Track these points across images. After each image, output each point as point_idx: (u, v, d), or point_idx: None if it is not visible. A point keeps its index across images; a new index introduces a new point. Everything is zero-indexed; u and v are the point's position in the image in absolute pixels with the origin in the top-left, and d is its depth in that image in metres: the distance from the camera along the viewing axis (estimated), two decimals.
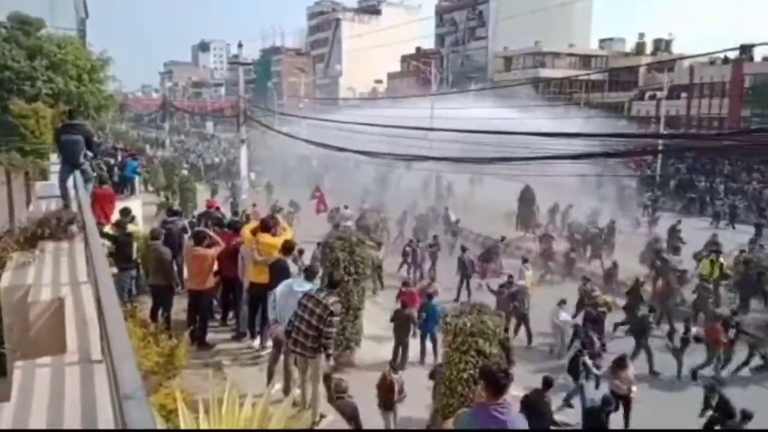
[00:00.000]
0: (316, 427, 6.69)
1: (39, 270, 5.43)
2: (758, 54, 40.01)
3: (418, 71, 51.98)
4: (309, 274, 7.33)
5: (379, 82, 72.86)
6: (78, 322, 4.25)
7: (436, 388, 9.10)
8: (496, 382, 4.04)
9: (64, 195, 8.14)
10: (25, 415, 3.16)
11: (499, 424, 3.94)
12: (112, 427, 2.79)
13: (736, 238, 19.69)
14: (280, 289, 7.02)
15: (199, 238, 8.68)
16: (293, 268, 8.13)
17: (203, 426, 4.39)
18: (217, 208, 12.43)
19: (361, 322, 11.35)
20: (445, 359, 8.83)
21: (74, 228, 6.51)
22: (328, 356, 6.65)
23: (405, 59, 69.87)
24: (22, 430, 2.73)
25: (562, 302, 13.52)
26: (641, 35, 60.23)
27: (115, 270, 8.90)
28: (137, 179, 17.28)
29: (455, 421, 4.18)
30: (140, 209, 14.52)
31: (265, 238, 8.35)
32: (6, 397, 3.23)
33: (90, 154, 8.52)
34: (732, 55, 39.69)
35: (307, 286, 6.93)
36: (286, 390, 6.91)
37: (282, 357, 7.19)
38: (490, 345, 8.40)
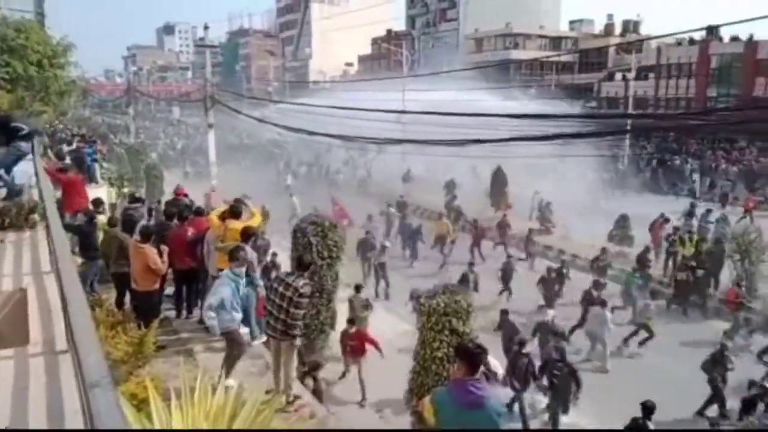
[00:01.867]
0: (289, 408, 6.71)
1: (0, 260, 5.27)
2: (726, 34, 40.80)
3: (390, 53, 51.66)
4: (301, 264, 7.06)
5: (350, 65, 72.21)
6: (42, 313, 4.16)
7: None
8: (472, 358, 4.06)
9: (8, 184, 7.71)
10: None
11: (476, 398, 3.95)
12: (79, 417, 2.73)
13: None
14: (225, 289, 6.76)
15: (145, 234, 8.03)
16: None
17: (175, 413, 4.34)
18: (186, 195, 12.05)
19: (334, 306, 11.34)
20: (419, 340, 8.91)
21: (36, 217, 6.34)
22: (293, 337, 6.64)
23: (376, 41, 69.32)
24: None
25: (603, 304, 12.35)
26: (610, 16, 60.78)
27: (80, 260, 8.70)
28: (96, 167, 16.83)
29: (432, 399, 4.19)
30: (106, 197, 14.16)
31: (233, 224, 8.21)
32: None
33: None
34: (699, 35, 40.39)
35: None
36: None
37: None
38: (464, 324, 8.52)
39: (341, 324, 11.08)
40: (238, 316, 6.78)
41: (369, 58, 71.39)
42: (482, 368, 4.30)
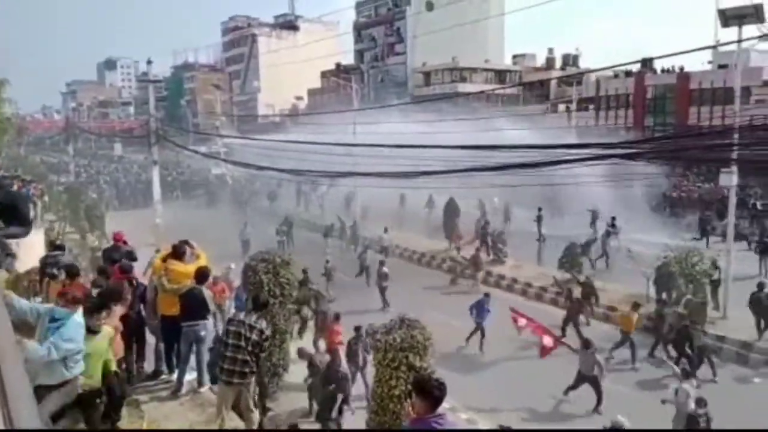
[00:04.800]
0: None
1: None
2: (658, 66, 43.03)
3: (339, 87, 52.08)
4: (257, 304, 6.87)
5: (300, 98, 72.43)
6: None
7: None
8: (431, 393, 3.94)
9: None
10: None
11: None
12: None
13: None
14: None
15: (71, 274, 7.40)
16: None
17: None
18: (125, 242, 11.01)
19: (287, 347, 11.01)
20: (375, 377, 8.67)
21: None
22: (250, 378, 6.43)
23: (325, 75, 69.90)
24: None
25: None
26: (551, 50, 63.41)
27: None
28: (35, 209, 15.95)
29: None
30: (44, 243, 13.32)
31: (176, 265, 7.84)
32: None
33: None
34: (635, 68, 42.41)
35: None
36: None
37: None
38: (421, 359, 8.35)
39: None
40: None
41: (319, 91, 71.80)
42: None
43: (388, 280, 17.73)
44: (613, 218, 21.96)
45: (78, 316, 5.13)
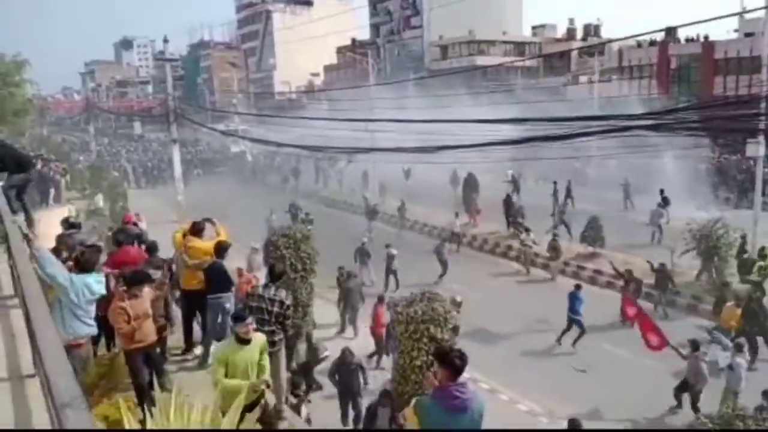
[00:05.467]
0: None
1: None
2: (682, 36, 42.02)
3: (355, 62, 51.79)
4: (273, 275, 6.88)
5: (316, 75, 72.17)
6: (6, 337, 3.96)
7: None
8: (453, 363, 4.10)
9: None
10: None
11: (461, 402, 4.05)
12: None
13: None
14: None
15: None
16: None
17: None
18: (135, 224, 10.74)
19: (310, 319, 11.21)
20: (397, 349, 8.83)
21: None
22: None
23: (341, 50, 69.42)
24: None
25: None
26: (571, 21, 62.17)
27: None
28: (62, 186, 16.31)
29: (415, 408, 4.17)
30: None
31: (195, 242, 7.98)
32: None
33: None
34: (658, 37, 41.45)
35: None
36: None
37: None
38: (442, 331, 8.49)
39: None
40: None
41: (335, 67, 71.44)
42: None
43: (396, 261, 16.93)
44: (662, 191, 20.90)
45: (99, 276, 5.79)
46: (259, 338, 5.57)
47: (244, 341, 5.34)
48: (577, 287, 13.60)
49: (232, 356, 5.25)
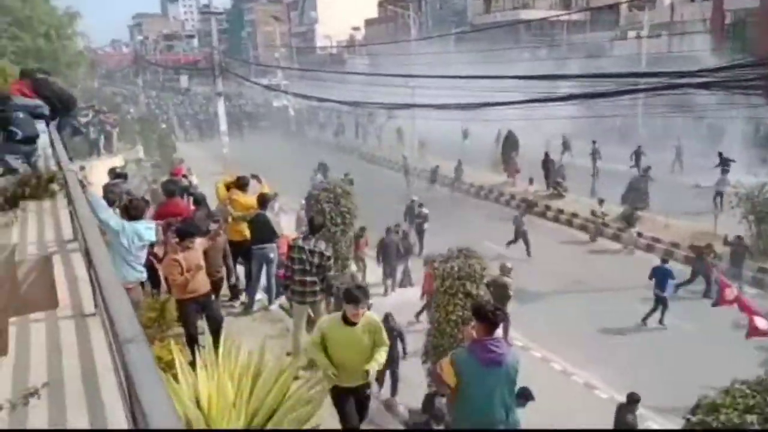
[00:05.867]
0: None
1: (23, 229, 5.37)
2: None
3: (397, 17, 50.70)
4: (313, 227, 7.00)
5: (357, 29, 71.05)
6: (68, 279, 4.26)
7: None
8: (488, 318, 4.22)
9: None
10: (24, 368, 3.21)
11: (496, 356, 4.19)
12: (111, 374, 2.84)
13: None
14: None
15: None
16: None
17: (201, 373, 4.48)
18: (184, 176, 10.80)
19: (349, 272, 11.48)
20: (433, 303, 9.02)
21: (55, 186, 6.39)
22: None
23: (382, 4, 67.94)
24: (23, 430, 2.81)
25: None
26: None
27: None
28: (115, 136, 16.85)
29: (451, 360, 4.32)
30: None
31: (238, 195, 8.26)
32: (3, 351, 3.26)
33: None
34: None
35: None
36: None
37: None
38: (477, 287, 8.62)
39: None
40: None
41: (376, 21, 70.13)
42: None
43: (428, 221, 16.62)
44: (720, 154, 19.13)
45: (149, 224, 6.07)
46: (367, 320, 4.87)
47: (350, 323, 4.79)
48: (664, 261, 12.63)
49: (332, 333, 4.83)
